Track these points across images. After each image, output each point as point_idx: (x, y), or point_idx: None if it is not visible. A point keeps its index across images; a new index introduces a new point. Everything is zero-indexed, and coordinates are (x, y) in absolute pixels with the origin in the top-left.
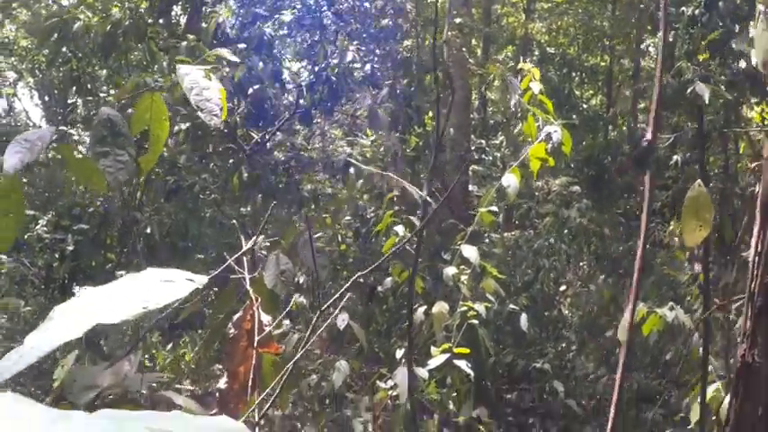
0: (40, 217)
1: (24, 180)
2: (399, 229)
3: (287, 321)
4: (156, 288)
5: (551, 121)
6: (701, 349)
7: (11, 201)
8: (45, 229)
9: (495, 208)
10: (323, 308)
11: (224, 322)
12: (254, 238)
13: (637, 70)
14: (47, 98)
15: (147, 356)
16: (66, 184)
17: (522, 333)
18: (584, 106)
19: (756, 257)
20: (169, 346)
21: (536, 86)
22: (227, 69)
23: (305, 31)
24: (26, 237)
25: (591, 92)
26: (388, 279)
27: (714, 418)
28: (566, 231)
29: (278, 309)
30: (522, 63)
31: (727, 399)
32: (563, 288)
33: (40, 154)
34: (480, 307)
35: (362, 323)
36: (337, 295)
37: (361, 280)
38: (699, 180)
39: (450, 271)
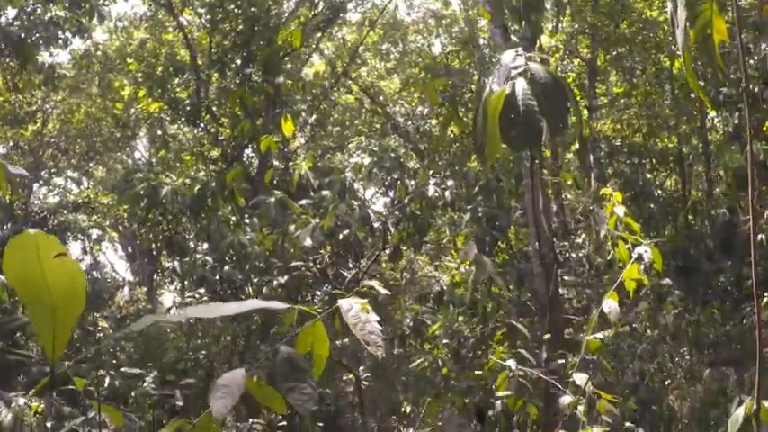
0: (146, 374)
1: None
2: (511, 363)
3: None
4: None
5: (639, 241)
6: None
7: None
8: (153, 385)
9: (601, 335)
10: None
11: None
12: None
13: (706, 147)
14: (130, 249)
15: None
16: (166, 337)
17: None
18: (659, 192)
19: None
20: None
21: (620, 210)
22: (317, 220)
23: (385, 172)
24: (133, 394)
25: (664, 174)
26: (498, 402)
27: None
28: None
29: None
30: (603, 189)
31: None
32: (668, 382)
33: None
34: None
35: None
36: None
37: (467, 400)
38: None
39: (566, 400)
